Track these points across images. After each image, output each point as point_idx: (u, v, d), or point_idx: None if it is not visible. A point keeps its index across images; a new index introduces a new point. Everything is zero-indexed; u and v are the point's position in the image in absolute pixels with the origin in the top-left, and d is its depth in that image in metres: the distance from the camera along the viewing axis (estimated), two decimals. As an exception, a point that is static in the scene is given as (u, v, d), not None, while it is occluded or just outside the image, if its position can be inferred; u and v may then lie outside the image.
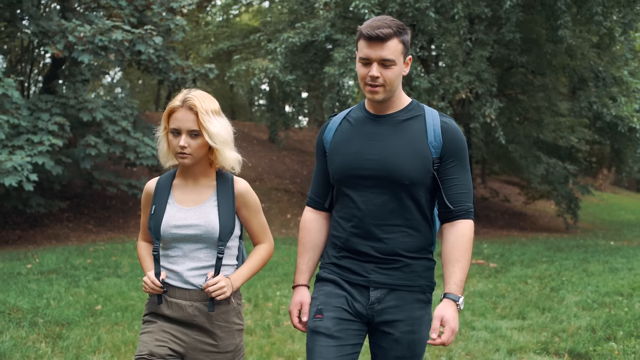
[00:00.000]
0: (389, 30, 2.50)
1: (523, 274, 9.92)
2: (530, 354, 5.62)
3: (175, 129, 2.77)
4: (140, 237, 3.04)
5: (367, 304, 2.65)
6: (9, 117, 11.35)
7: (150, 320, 2.86)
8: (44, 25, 12.54)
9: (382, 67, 2.54)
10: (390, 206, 2.61)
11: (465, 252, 2.59)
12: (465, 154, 2.67)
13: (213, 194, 2.88)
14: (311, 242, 2.85)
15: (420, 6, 12.56)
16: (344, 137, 2.72)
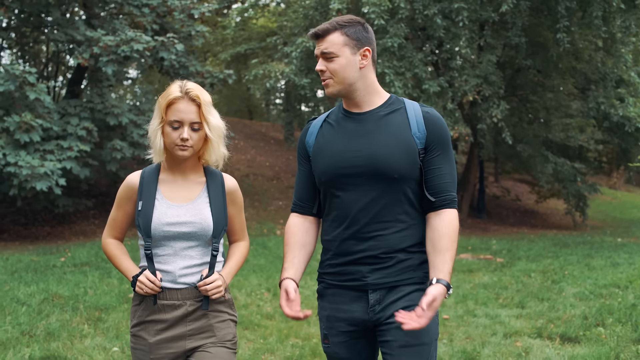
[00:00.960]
0: (327, 26, 2.58)
1: (527, 268, 10.41)
2: (525, 337, 6.14)
3: (177, 121, 2.67)
4: (108, 234, 2.85)
5: (368, 308, 2.60)
6: (42, 121, 12.03)
7: (139, 336, 2.74)
8: (71, 33, 13.22)
9: (325, 60, 2.58)
10: (382, 202, 2.57)
11: (454, 242, 2.55)
12: (449, 142, 2.64)
13: (203, 190, 2.80)
14: (296, 242, 2.75)
15: (428, 13, 13.10)
16: (326, 138, 2.69)
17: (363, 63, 2.58)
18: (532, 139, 16.49)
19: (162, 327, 2.69)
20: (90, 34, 12.50)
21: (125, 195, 2.78)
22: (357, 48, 2.57)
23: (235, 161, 19.57)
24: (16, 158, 11.52)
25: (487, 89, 13.78)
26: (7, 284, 7.78)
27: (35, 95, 11.85)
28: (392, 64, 13.39)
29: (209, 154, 2.78)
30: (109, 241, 2.83)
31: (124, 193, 2.78)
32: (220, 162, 2.82)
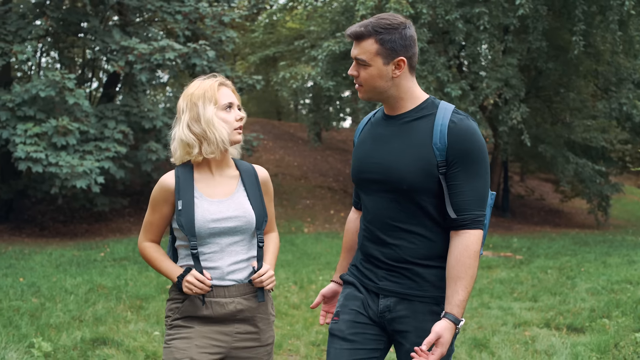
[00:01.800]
0: (362, 29, 2.44)
1: (545, 265, 10.79)
2: (534, 327, 6.58)
3: (230, 103, 2.69)
4: (145, 239, 2.77)
5: (378, 312, 2.56)
6: (79, 125, 12.70)
7: (183, 325, 2.67)
8: (107, 41, 13.89)
9: (358, 66, 2.49)
10: (395, 211, 2.50)
11: (469, 268, 2.39)
12: (477, 156, 2.43)
13: (239, 184, 2.77)
14: (348, 242, 2.85)
15: (450, 18, 13.55)
16: (362, 138, 2.67)
17: (396, 73, 2.46)
18: (554, 140, 16.81)
19: (206, 326, 2.65)
20: (125, 43, 13.13)
21: (161, 197, 2.70)
22: (390, 58, 2.43)
23: (264, 161, 20.17)
24: (57, 159, 12.19)
25: (507, 92, 14.18)
26: (54, 276, 8.43)
27: (74, 100, 12.50)
28: (414, 68, 13.82)
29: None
30: (146, 245, 2.77)
31: (160, 195, 2.70)
32: (239, 149, 2.84)
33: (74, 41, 17.11)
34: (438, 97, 14.38)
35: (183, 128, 2.68)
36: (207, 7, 14.72)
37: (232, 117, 2.68)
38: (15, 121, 12.67)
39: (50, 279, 8.25)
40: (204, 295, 2.63)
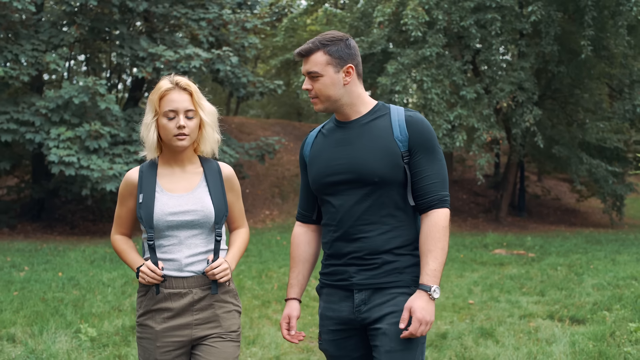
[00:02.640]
0: (309, 45, 2.63)
1: (555, 262, 11.20)
2: (538, 319, 7.03)
3: (172, 110, 2.75)
4: (115, 231, 2.92)
5: (354, 308, 2.66)
6: (110, 129, 13.32)
7: (145, 324, 2.79)
8: (135, 48, 14.51)
9: (311, 79, 2.64)
10: (365, 205, 2.63)
11: (438, 241, 2.58)
12: (434, 144, 2.66)
13: (202, 179, 2.86)
14: (300, 255, 2.87)
15: (464, 24, 14.01)
16: (317, 148, 2.78)
17: (347, 80, 2.65)
18: (568, 141, 17.18)
19: (168, 315, 2.73)
20: (152, 50, 13.74)
21: (126, 191, 2.85)
22: (340, 66, 2.62)
23: (285, 162, 20.70)
24: (88, 162, 12.82)
25: (521, 95, 14.61)
26: (90, 271, 9.04)
27: (105, 105, 13.13)
28: (430, 72, 14.33)
29: (203, 143, 2.87)
30: (116, 237, 2.91)
31: (125, 189, 2.85)
32: (216, 148, 2.90)
33: (101, 47, 17.78)
34: (454, 100, 14.85)
35: (141, 127, 2.86)
36: (230, 14, 15.29)
37: (172, 125, 2.74)
38: (49, 125, 13.31)
39: (86, 273, 8.85)
40: (158, 286, 2.72)
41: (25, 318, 6.21)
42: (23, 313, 6.41)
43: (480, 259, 11.75)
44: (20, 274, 8.88)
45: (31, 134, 13.23)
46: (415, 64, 14.56)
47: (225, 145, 15.14)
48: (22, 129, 13.31)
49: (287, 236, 14.09)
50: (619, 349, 5.53)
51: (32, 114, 13.37)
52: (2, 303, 6.85)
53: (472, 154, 15.44)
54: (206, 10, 15.39)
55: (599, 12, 14.36)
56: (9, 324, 5.93)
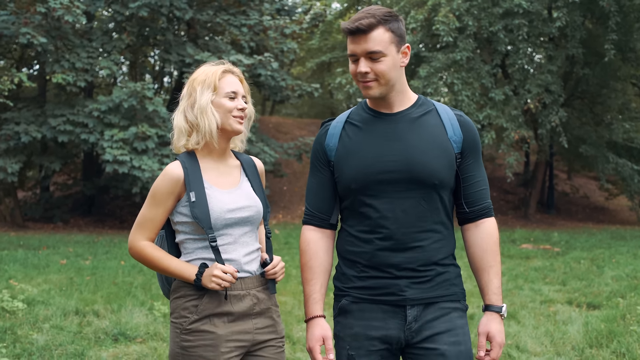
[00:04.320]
0: (371, 19, 2.29)
1: (579, 256, 11.82)
2: (557, 304, 7.75)
3: (234, 92, 2.57)
4: (141, 237, 2.54)
5: (405, 325, 2.38)
6: (157, 130, 14.26)
7: (204, 330, 2.48)
8: (182, 54, 15.46)
9: (370, 61, 2.32)
10: (419, 210, 2.38)
11: (497, 255, 2.45)
12: (480, 148, 2.50)
13: (242, 174, 2.68)
14: (321, 265, 2.51)
15: (493, 29, 14.72)
16: (353, 141, 2.45)
17: (404, 61, 2.40)
18: (595, 141, 17.75)
19: (230, 319, 2.52)
20: (198, 57, 14.67)
21: (167, 189, 2.52)
22: (400, 45, 2.36)
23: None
24: (140, 162, 13.77)
25: (547, 97, 15.27)
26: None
27: (153, 108, 14.08)
28: (460, 75, 15.05)
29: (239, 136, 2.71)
30: (144, 244, 2.53)
31: (167, 187, 2.52)
32: (243, 142, 2.75)
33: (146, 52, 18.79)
34: (483, 101, 15.55)
35: (178, 115, 2.61)
36: (270, 20, 16.16)
37: (233, 105, 2.57)
38: (102, 127, 14.30)
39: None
40: (226, 289, 2.50)
41: (102, 298, 7.12)
42: (100, 294, 7.33)
43: (508, 253, 12.42)
44: (86, 262, 9.84)
45: (86, 135, 14.23)
46: (446, 68, 15.28)
47: (265, 145, 16.03)
48: (78, 130, 14.31)
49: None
50: (627, 328, 6.23)
51: (86, 116, 14.37)
52: (80, 286, 7.79)
53: (501, 152, 16.09)
54: (247, 17, 16.28)
55: (623, 17, 14.93)
56: (90, 303, 6.84)
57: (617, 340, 5.82)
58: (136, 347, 5.38)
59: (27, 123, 14.38)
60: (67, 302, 6.76)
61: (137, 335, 5.70)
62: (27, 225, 15.97)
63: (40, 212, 17.02)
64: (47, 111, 14.68)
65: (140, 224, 2.53)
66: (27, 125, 14.24)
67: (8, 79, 12.85)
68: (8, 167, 14.00)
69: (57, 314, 6.26)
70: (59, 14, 13.38)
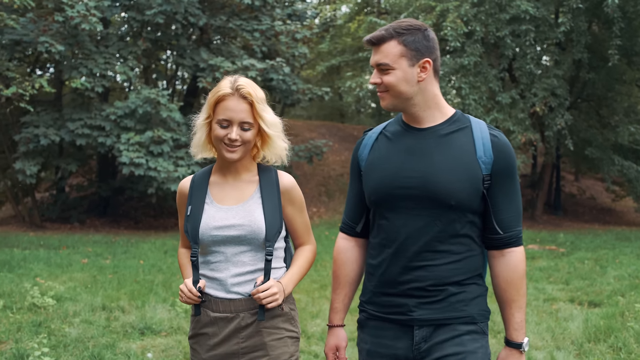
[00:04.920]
0: (382, 32, 2.31)
1: (583, 256, 12.11)
2: (560, 302, 8.07)
3: (226, 120, 2.48)
4: (180, 244, 2.75)
5: (412, 345, 2.36)
6: (172, 134, 14.66)
7: (194, 348, 2.61)
8: (196, 59, 15.86)
9: (380, 72, 2.34)
10: (434, 230, 2.32)
11: (520, 289, 2.36)
12: (515, 172, 2.38)
13: (256, 190, 2.59)
14: (347, 276, 2.56)
15: (500, 34, 15.07)
16: (381, 153, 2.45)
17: (422, 76, 2.33)
18: (601, 143, 18.05)
19: (215, 342, 2.54)
20: (212, 62, 15.05)
21: (180, 202, 2.68)
22: (415, 59, 2.32)
23: (330, 162, 21.90)
24: (155, 164, 14.17)
25: (553, 100, 15.60)
26: (167, 259, 10.35)
27: (167, 113, 14.48)
28: (468, 80, 15.41)
29: (269, 152, 2.63)
30: (180, 251, 2.74)
31: (179, 200, 2.68)
32: (284, 156, 2.64)
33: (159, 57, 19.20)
34: (490, 105, 15.88)
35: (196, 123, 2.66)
36: (281, 25, 16.54)
37: (223, 133, 2.50)
38: (118, 130, 14.71)
39: (165, 261, 10.18)
40: (198, 307, 2.55)
41: (126, 295, 7.51)
42: (123, 291, 7.72)
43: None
44: (106, 261, 10.24)
45: (103, 138, 14.64)
46: (454, 72, 15.63)
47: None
48: (95, 133, 14.72)
49: (335, 231, 15.28)
50: (624, 324, 6.56)
51: (103, 120, 14.78)
52: (104, 283, 8.19)
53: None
54: (259, 22, 16.66)
55: (628, 23, 15.24)
56: (115, 299, 7.23)
57: (615, 336, 6.16)
58: (162, 340, 5.76)
59: (46, 126, 14.80)
60: (94, 298, 7.16)
61: (161, 329, 6.08)
62: (44, 225, 16.40)
63: (57, 212, 17.45)
64: (65, 115, 15.10)
65: (180, 232, 2.71)
66: (46, 129, 14.66)
67: (29, 84, 13.25)
68: (27, 169, 14.41)
69: (85, 309, 6.66)
70: (76, 22, 13.79)
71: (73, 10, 13.73)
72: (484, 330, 2.39)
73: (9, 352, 5.06)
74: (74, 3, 13.86)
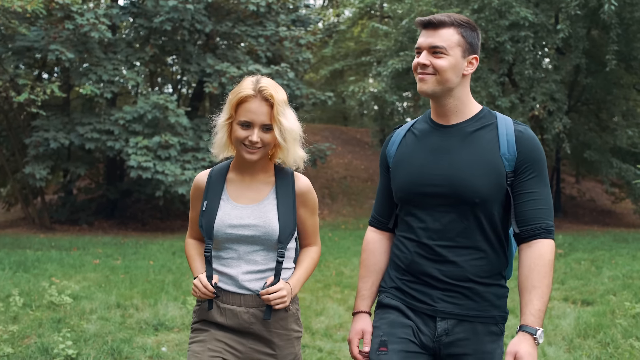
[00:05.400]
0: (445, 18, 2.36)
1: (580, 257, 12.38)
2: (554, 301, 8.38)
3: (247, 122, 2.52)
4: (189, 235, 2.80)
5: (434, 336, 2.41)
6: (179, 138, 15.02)
7: (201, 328, 2.63)
8: (202, 65, 16.23)
9: (432, 55, 2.37)
10: (460, 226, 2.38)
11: (544, 277, 2.32)
12: (544, 165, 2.40)
13: (272, 191, 2.64)
14: (375, 265, 2.63)
15: (500, 40, 15.45)
16: (408, 150, 2.51)
17: (468, 70, 2.42)
18: (600, 146, 18.38)
19: (221, 331, 2.61)
20: (218, 67, 15.42)
21: (194, 195, 2.71)
22: (468, 53, 2.40)
23: (334, 165, 22.27)
24: (163, 167, 14.53)
25: (552, 105, 15.97)
26: (176, 260, 10.71)
27: (175, 119, 14.85)
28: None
29: (284, 155, 2.64)
30: (188, 241, 2.80)
31: (193, 193, 2.72)
32: (301, 164, 2.68)
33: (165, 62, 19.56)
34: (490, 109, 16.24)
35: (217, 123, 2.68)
36: (285, 31, 16.90)
37: (244, 135, 2.54)
38: (127, 135, 15.08)
39: (174, 262, 10.53)
40: (210, 301, 2.59)
41: (139, 293, 7.86)
42: (136, 290, 8.08)
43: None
44: (117, 262, 10.60)
45: (112, 142, 15.01)
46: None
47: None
48: (104, 137, 15.10)
49: (338, 233, 15.65)
50: (613, 321, 6.90)
51: (112, 124, 15.15)
52: (117, 283, 8.55)
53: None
54: (264, 28, 17.02)
55: (625, 29, 15.58)
56: (129, 298, 7.58)
57: (604, 332, 6.49)
58: (175, 335, 6.12)
59: (56, 130, 15.17)
60: (108, 297, 7.52)
61: (174, 326, 6.44)
62: (54, 227, 16.78)
63: (66, 215, 17.83)
64: (74, 119, 15.49)
65: (189, 223, 2.78)
66: (56, 133, 15.03)
67: (41, 90, 13.63)
68: (37, 172, 14.78)
69: (101, 307, 7.02)
70: (86, 30, 14.17)
71: (83, 18, 14.12)
72: (502, 331, 2.46)
73: (33, 345, 5.42)
74: (84, 11, 14.25)
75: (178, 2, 14.77)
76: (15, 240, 13.64)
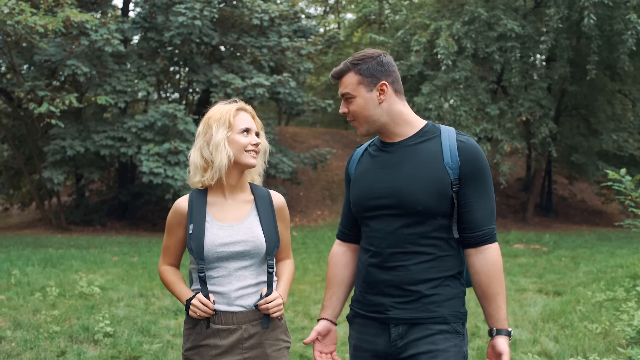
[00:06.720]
0: (341, 67, 2.53)
1: (562, 254, 13.24)
2: (529, 292, 9.30)
3: (247, 128, 2.71)
4: (163, 262, 2.84)
5: (390, 342, 2.53)
6: (187, 145, 15.98)
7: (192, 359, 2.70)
8: (209, 75, 17.23)
9: (346, 102, 2.54)
10: (406, 232, 2.48)
11: (502, 282, 2.49)
12: (486, 173, 2.50)
13: (252, 208, 2.78)
14: (336, 277, 2.76)
15: (489, 50, 16.47)
16: (362, 168, 2.65)
17: (382, 98, 2.50)
18: (587, 149, 19.36)
19: (217, 352, 2.66)
20: (224, 78, 16.42)
21: (175, 221, 2.77)
22: (372, 85, 2.49)
23: (334, 167, 23.20)
24: (173, 172, 15.51)
25: (539, 111, 16.99)
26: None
27: (183, 126, 15.84)
28: (459, 93, 16.78)
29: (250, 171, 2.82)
30: (164, 268, 2.84)
31: (174, 219, 2.77)
32: (257, 177, 2.86)
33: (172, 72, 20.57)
34: (480, 115, 17.22)
35: (195, 152, 2.76)
36: (287, 42, 17.89)
37: (247, 140, 2.70)
38: (139, 142, 16.07)
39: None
40: (208, 320, 2.66)
41: (157, 285, 8.85)
42: (155, 282, 9.07)
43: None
44: (134, 259, 11.59)
45: (125, 148, 16.01)
46: (446, 86, 16.99)
47: (284, 155, 17.76)
48: (117, 144, 16.10)
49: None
50: (575, 309, 7.84)
51: (125, 132, 16.14)
52: (137, 276, 9.55)
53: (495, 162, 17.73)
54: (267, 39, 18.01)
55: (606, 40, 16.57)
56: (149, 289, 8.58)
57: (565, 317, 7.43)
58: (192, 319, 7.10)
59: (72, 138, 16.17)
60: (131, 288, 8.52)
61: (191, 312, 7.42)
62: (70, 228, 17.78)
63: (80, 216, 18.83)
64: (89, 127, 16.50)
65: (162, 250, 2.83)
66: (72, 140, 16.03)
67: (60, 101, 14.64)
68: (55, 177, 15.80)
69: (126, 296, 8.02)
70: (100, 45, 15.18)
71: (97, 34, 15.12)
72: (457, 330, 2.52)
73: (76, 325, 6.42)
74: (97, 27, 15.26)
75: (187, 18, 15.76)
76: (37, 240, 14.65)
